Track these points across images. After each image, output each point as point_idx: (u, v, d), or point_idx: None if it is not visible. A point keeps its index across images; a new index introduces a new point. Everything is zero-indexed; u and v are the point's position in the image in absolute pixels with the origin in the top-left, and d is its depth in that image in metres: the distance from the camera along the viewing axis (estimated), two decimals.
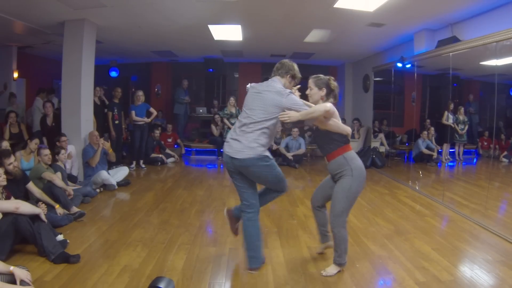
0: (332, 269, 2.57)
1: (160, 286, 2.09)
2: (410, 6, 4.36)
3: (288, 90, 2.48)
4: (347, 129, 2.51)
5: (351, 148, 2.56)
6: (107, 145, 5.25)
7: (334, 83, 2.56)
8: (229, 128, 7.32)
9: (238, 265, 2.74)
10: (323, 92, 2.53)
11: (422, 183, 5.85)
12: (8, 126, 5.29)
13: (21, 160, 4.23)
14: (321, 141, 2.59)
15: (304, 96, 2.62)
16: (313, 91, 2.56)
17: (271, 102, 2.43)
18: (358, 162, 2.50)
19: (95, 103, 5.93)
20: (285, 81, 2.57)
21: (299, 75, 2.63)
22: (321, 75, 2.58)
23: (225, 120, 7.38)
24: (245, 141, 2.43)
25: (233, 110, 7.37)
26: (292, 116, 2.37)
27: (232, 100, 7.46)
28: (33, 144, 4.30)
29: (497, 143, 6.49)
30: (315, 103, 2.54)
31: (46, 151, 3.95)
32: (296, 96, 2.51)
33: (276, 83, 2.53)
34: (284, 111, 2.40)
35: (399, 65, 6.06)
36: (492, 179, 5.55)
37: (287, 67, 2.57)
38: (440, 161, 6.87)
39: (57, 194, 3.64)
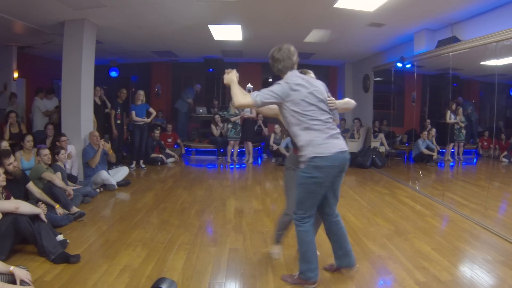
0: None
1: (162, 287, 2.09)
2: (410, 6, 4.37)
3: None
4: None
5: None
6: (108, 146, 5.25)
7: None
8: (234, 128, 7.34)
9: (238, 265, 2.74)
10: None
11: (422, 183, 5.85)
12: (8, 126, 5.29)
13: (21, 160, 4.23)
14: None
15: None
16: None
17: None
18: None
19: (95, 103, 5.94)
20: None
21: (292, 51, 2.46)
22: None
23: (233, 118, 7.35)
24: None
25: (237, 111, 7.36)
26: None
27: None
28: (27, 142, 4.30)
29: (497, 143, 6.49)
30: None
31: (46, 151, 3.95)
32: None
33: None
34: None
35: (399, 65, 6.06)
36: (492, 179, 5.55)
37: (280, 57, 2.40)
38: (441, 161, 6.87)
39: (57, 194, 3.64)
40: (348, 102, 2.65)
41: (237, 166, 7.32)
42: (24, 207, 2.70)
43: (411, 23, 5.27)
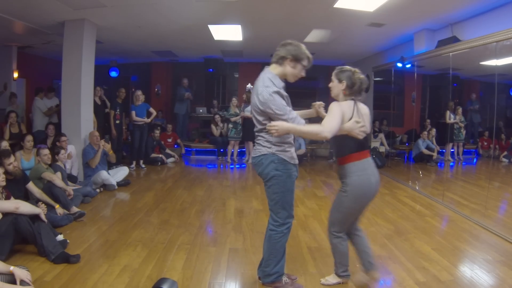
0: (331, 278, 2.46)
1: (163, 287, 2.08)
2: (410, 6, 4.36)
3: (273, 89, 2.08)
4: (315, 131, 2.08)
5: (363, 157, 2.22)
6: (108, 146, 5.24)
7: (358, 76, 2.23)
8: (234, 128, 7.38)
9: (238, 265, 2.74)
10: (343, 85, 2.22)
11: (422, 183, 5.85)
12: (8, 126, 5.29)
13: (21, 160, 4.23)
14: (333, 143, 2.32)
15: (327, 89, 2.39)
16: (333, 83, 2.28)
17: (254, 107, 2.20)
18: (359, 178, 2.17)
19: (95, 103, 5.94)
20: (284, 69, 2.20)
21: (305, 54, 2.20)
22: (347, 67, 2.29)
23: (233, 118, 7.37)
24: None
25: (237, 110, 7.40)
26: (280, 127, 2.02)
27: (234, 100, 7.50)
28: (27, 142, 4.30)
29: (497, 143, 6.49)
30: (336, 97, 2.29)
31: (46, 151, 3.95)
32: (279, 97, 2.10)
33: (265, 75, 2.18)
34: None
35: (399, 65, 6.06)
36: (492, 179, 5.55)
37: (286, 48, 2.18)
38: (441, 161, 6.87)
39: (57, 194, 3.64)
40: (303, 131, 2.11)
41: (237, 166, 7.32)
42: (24, 207, 2.70)
43: (411, 23, 5.27)
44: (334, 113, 2.11)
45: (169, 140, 7.86)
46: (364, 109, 2.28)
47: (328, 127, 2.07)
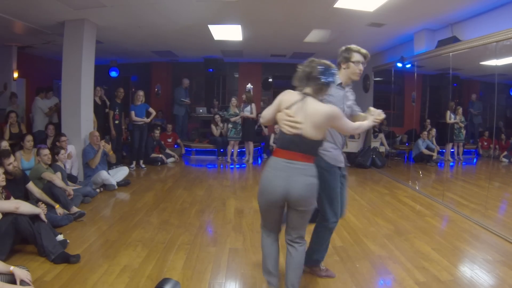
0: None
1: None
2: (410, 6, 4.37)
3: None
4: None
5: (284, 156, 1.97)
6: (108, 147, 5.24)
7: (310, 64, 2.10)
8: (234, 128, 7.37)
9: (238, 265, 2.74)
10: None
11: (422, 183, 5.85)
12: (8, 126, 5.29)
13: (21, 160, 4.23)
14: None
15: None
16: None
17: None
18: (265, 172, 2.03)
19: (96, 103, 5.94)
20: (342, 72, 2.32)
21: (351, 50, 2.26)
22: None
23: (232, 118, 7.37)
24: None
25: (237, 110, 7.39)
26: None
27: (233, 100, 7.49)
28: (27, 142, 4.29)
29: (497, 143, 6.49)
30: None
31: (46, 151, 3.94)
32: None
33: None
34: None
35: (399, 65, 6.06)
36: (492, 179, 5.55)
37: (339, 55, 2.29)
38: (441, 161, 6.87)
39: (57, 194, 3.64)
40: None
41: (237, 166, 7.32)
42: (24, 207, 2.70)
43: (411, 23, 5.27)
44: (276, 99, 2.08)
45: (169, 140, 7.86)
46: (316, 109, 1.90)
47: (265, 111, 2.13)
